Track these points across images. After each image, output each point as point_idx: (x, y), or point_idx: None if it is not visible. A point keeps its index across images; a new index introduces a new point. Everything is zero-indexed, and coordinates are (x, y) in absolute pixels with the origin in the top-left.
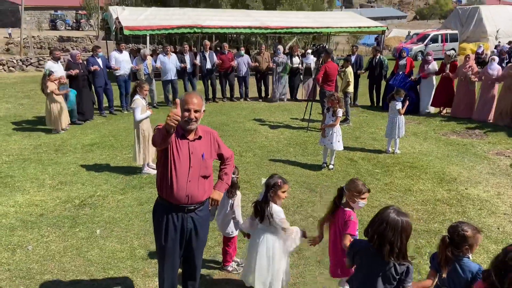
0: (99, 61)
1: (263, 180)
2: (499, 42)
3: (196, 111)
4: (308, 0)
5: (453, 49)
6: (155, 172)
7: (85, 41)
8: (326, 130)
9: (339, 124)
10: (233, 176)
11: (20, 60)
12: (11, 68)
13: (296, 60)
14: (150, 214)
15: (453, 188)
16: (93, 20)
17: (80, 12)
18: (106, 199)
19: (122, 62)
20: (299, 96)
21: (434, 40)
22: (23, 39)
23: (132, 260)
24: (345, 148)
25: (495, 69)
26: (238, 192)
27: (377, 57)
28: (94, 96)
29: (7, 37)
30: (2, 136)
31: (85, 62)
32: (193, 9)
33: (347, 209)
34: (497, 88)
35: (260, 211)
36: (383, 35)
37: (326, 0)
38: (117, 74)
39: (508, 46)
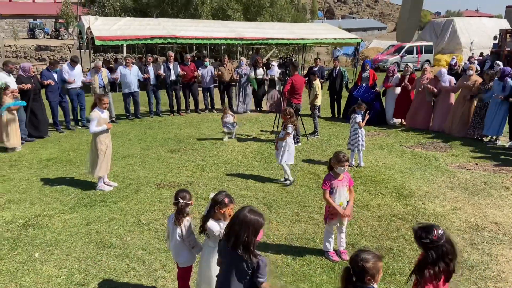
0: (55, 75)
1: (211, 195)
2: (473, 53)
3: None
4: (289, 11)
5: (427, 60)
6: (110, 189)
7: (63, 50)
8: (278, 144)
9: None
10: (182, 201)
11: None
12: None
13: (260, 71)
14: (96, 235)
15: (410, 202)
16: (71, 29)
17: (59, 20)
18: (52, 219)
19: (75, 75)
20: (263, 108)
21: (410, 51)
22: None
23: (67, 286)
24: (310, 161)
25: (446, 80)
26: (188, 218)
27: (337, 68)
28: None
29: None
30: None
31: (38, 75)
32: (169, 20)
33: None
34: (453, 99)
35: (202, 225)
36: (358, 47)
37: (308, 11)
38: (68, 87)
39: (477, 60)
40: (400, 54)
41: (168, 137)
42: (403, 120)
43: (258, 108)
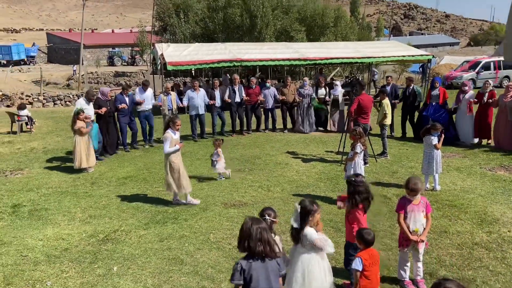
0: (127, 98)
1: (297, 205)
2: None
3: None
4: (354, 29)
5: (507, 76)
6: (197, 202)
7: (138, 75)
8: (347, 165)
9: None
10: (268, 218)
11: (76, 95)
12: (67, 102)
13: (322, 91)
14: (168, 251)
15: (494, 230)
16: (145, 56)
17: (135, 48)
18: (129, 234)
19: (146, 98)
20: (328, 128)
21: (486, 67)
22: (82, 75)
23: None
24: (380, 183)
25: None
26: (277, 237)
27: (411, 87)
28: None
29: (71, 74)
30: (46, 169)
31: (113, 98)
32: (234, 44)
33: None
34: None
35: (295, 235)
36: (429, 63)
37: (373, 29)
38: (138, 109)
39: None
40: (476, 70)
41: (233, 157)
42: (485, 140)
43: (323, 128)
